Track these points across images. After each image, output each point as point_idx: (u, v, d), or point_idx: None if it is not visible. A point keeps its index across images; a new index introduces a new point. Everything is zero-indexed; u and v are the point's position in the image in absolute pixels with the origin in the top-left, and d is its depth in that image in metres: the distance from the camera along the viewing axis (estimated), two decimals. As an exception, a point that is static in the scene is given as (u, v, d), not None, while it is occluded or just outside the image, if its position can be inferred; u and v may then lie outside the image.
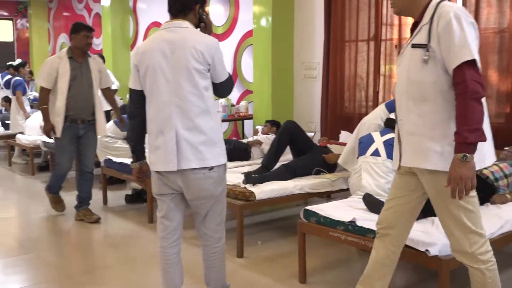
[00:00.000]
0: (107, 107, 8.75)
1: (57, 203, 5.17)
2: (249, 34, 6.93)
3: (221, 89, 2.68)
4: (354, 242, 3.08)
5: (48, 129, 4.70)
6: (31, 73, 11.33)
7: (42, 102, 4.71)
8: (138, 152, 2.75)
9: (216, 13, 7.55)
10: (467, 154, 2.06)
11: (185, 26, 2.61)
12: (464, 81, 2.08)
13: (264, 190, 4.02)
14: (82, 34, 4.73)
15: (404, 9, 2.39)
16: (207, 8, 2.86)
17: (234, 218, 3.94)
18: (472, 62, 2.11)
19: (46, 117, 4.70)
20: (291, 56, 6.38)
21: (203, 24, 2.72)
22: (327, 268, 3.74)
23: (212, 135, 2.58)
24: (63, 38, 12.63)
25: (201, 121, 2.55)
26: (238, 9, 7.30)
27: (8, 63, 9.03)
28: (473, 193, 2.22)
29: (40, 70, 4.82)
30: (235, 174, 4.47)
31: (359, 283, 2.62)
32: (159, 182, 2.67)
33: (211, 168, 2.58)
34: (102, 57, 8.99)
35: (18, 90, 7.92)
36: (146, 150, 2.74)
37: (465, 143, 2.06)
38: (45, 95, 4.70)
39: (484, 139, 2.10)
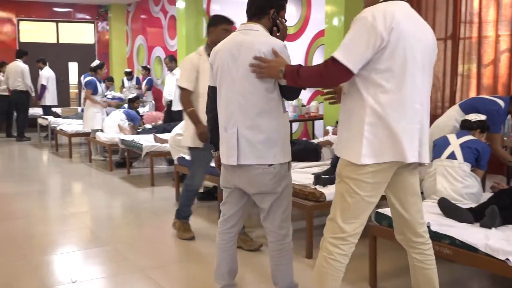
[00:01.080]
0: (179, 107, 9.01)
1: (187, 231, 4.43)
2: (321, 33, 6.88)
3: (287, 91, 2.68)
4: (428, 248, 2.97)
5: (202, 131, 3.96)
6: (111, 79, 11.82)
7: (188, 105, 4.12)
8: (215, 143, 2.92)
9: (288, 13, 7.50)
10: (283, 70, 2.44)
11: (256, 29, 2.70)
12: (324, 63, 2.31)
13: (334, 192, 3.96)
14: (221, 27, 3.91)
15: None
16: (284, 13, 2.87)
17: (303, 219, 3.92)
18: (335, 60, 2.24)
19: (196, 119, 4.05)
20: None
21: (275, 28, 2.78)
22: (399, 273, 3.64)
23: (271, 135, 2.64)
24: (140, 40, 13.11)
25: (261, 121, 2.62)
26: (310, 9, 7.26)
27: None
28: (362, 192, 2.31)
29: (180, 71, 4.34)
30: (305, 175, 4.45)
31: None
32: (224, 174, 2.84)
33: (270, 165, 2.65)
34: (175, 59, 9.27)
35: (88, 89, 8.27)
36: None
37: (290, 71, 2.41)
38: (187, 97, 4.13)
39: (293, 83, 2.44)
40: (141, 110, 8.44)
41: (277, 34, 2.79)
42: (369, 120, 2.27)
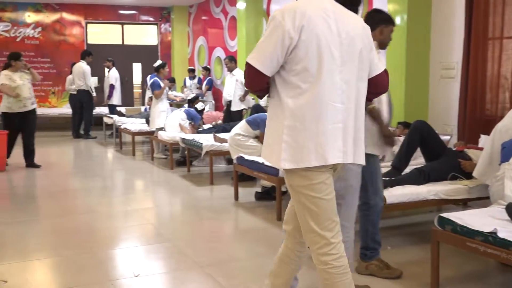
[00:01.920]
0: (240, 106, 9.05)
1: (391, 268, 3.52)
2: (382, 33, 6.74)
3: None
4: (494, 255, 2.86)
5: (389, 133, 3.35)
6: (173, 80, 12.08)
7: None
8: None
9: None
10: None
11: None
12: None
13: (395, 194, 3.89)
14: (391, 28, 3.43)
15: None
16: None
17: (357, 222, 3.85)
18: (248, 64, 2.26)
19: (381, 119, 3.31)
20: (427, 55, 6.09)
21: None
22: (462, 280, 3.51)
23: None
24: (201, 40, 13.34)
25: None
26: (371, 8, 7.13)
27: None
28: (317, 194, 2.27)
29: None
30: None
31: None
32: None
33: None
34: (235, 59, 9.35)
35: (155, 90, 8.54)
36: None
37: None
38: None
39: None
40: (199, 106, 8.55)
41: None
42: (288, 123, 2.24)
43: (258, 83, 2.30)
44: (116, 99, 11.47)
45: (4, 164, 7.46)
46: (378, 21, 3.33)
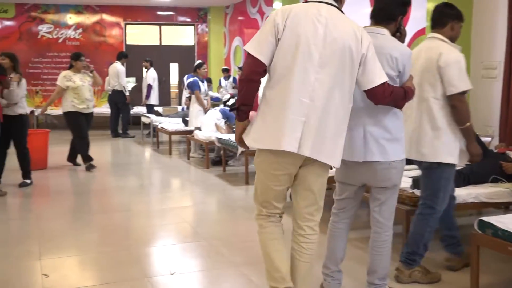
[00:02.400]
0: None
1: (432, 273, 3.45)
2: (421, 32, 6.63)
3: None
4: (537, 261, 2.77)
5: (479, 152, 3.27)
6: (210, 81, 12.18)
7: (467, 118, 3.24)
8: None
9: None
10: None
11: (383, 34, 2.85)
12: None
13: (433, 197, 3.80)
14: (461, 24, 3.40)
15: None
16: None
17: (400, 223, 3.80)
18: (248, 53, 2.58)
19: (474, 137, 3.31)
20: (468, 55, 5.95)
21: (398, 34, 2.92)
22: (503, 286, 3.42)
23: (395, 133, 2.82)
24: (238, 41, 13.40)
25: (387, 120, 2.80)
26: (410, 6, 7.01)
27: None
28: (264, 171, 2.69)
29: (459, 72, 3.20)
30: (402, 179, 4.30)
31: None
32: (344, 170, 2.95)
33: (393, 161, 2.82)
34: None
35: (195, 90, 8.65)
36: None
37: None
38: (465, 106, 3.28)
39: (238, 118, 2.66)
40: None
41: (400, 38, 2.92)
42: (261, 107, 2.60)
43: (255, 68, 2.52)
44: (153, 99, 11.64)
45: (46, 162, 7.67)
46: (450, 17, 3.33)
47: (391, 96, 2.63)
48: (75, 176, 7.34)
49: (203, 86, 8.72)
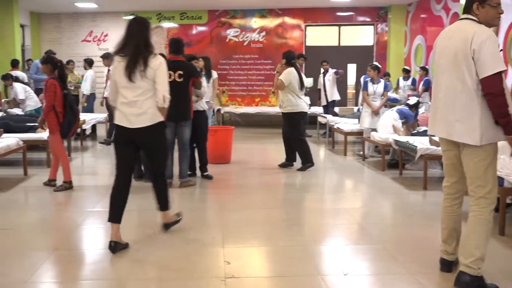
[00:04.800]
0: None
1: None
2: None
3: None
4: None
5: None
6: (387, 74, 11.95)
7: None
8: None
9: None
10: None
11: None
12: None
13: None
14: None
15: None
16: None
17: None
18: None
19: None
20: None
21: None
22: None
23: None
24: (419, 40, 12.85)
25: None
26: None
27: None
28: None
29: None
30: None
31: None
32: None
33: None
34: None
35: (363, 90, 8.59)
36: None
37: None
38: None
39: None
40: (412, 100, 8.26)
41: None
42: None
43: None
44: (335, 94, 11.78)
45: (230, 157, 8.24)
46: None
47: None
48: (253, 171, 7.74)
49: (372, 87, 8.55)
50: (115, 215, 4.13)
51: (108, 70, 9.80)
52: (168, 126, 6.25)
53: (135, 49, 4.01)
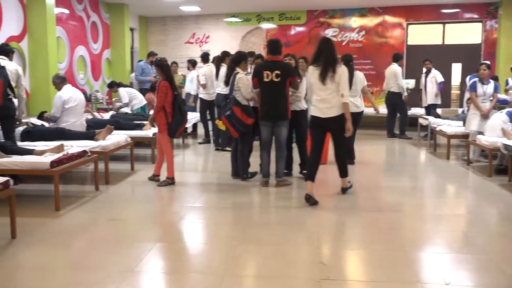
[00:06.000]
0: None
1: None
2: None
3: None
4: None
5: None
6: (495, 78, 11.21)
7: None
8: None
9: None
10: None
11: None
12: None
13: None
14: None
15: None
16: None
17: None
18: None
19: None
20: None
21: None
22: None
23: None
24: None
25: None
26: None
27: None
28: None
29: None
30: None
31: None
32: None
33: None
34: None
35: (471, 92, 8.17)
36: None
37: None
38: None
39: None
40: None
41: None
42: None
43: None
44: (430, 99, 11.29)
45: (326, 158, 8.19)
46: None
47: None
48: (351, 173, 7.61)
49: (482, 88, 8.06)
50: (311, 175, 5.74)
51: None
52: (266, 125, 6.41)
53: (326, 60, 5.51)
